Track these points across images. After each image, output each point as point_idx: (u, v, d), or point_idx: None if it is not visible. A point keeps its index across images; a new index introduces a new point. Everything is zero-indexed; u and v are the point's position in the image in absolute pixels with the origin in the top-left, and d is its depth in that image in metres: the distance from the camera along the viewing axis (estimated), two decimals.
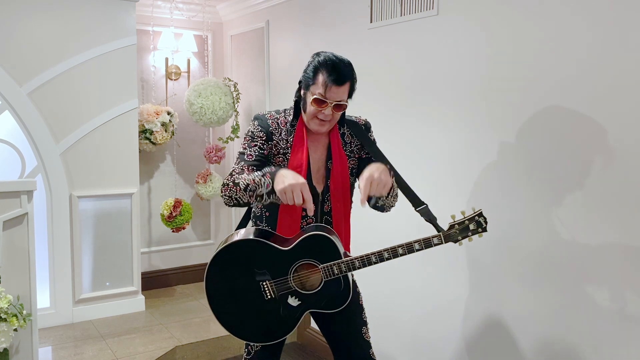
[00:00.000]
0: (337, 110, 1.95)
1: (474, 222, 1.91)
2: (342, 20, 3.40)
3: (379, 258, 1.90)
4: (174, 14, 4.59)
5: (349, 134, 2.09)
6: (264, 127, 2.03)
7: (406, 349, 3.02)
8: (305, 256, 1.95)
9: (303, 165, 1.98)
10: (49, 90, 3.83)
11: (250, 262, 1.95)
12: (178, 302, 4.52)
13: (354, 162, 2.10)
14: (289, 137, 2.03)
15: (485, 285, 2.57)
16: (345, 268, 1.92)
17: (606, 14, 2.04)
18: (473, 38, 2.57)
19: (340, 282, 1.97)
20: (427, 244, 1.89)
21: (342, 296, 1.98)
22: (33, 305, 2.81)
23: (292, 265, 1.95)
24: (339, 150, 2.04)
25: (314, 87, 1.93)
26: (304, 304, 1.97)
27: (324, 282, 1.94)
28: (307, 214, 1.90)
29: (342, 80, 1.90)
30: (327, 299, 1.97)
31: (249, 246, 1.97)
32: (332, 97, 1.91)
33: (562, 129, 2.21)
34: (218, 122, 4.38)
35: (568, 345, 2.24)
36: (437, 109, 2.78)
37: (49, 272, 3.91)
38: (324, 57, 1.94)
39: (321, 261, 1.94)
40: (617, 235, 2.05)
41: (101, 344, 3.64)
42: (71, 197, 3.95)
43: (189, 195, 4.92)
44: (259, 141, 2.02)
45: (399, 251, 1.89)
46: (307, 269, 1.96)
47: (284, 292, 1.95)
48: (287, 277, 1.95)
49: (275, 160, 2.02)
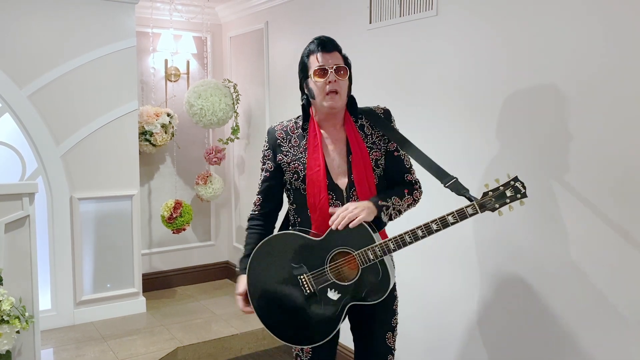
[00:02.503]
0: (340, 75, 1.95)
1: (510, 188, 1.79)
2: (341, 21, 3.41)
3: (413, 237, 1.84)
4: (174, 15, 4.59)
5: (368, 125, 2.06)
6: (271, 143, 2.08)
7: (404, 347, 3.02)
8: (338, 244, 1.92)
9: (321, 166, 1.98)
10: (49, 92, 3.84)
11: (286, 258, 1.98)
12: (179, 303, 4.53)
13: (378, 154, 2.05)
14: (301, 142, 2.04)
15: (486, 283, 2.58)
16: (380, 252, 1.88)
17: (605, 15, 2.05)
18: (472, 38, 2.58)
19: (378, 271, 1.92)
20: (462, 216, 1.80)
21: (381, 286, 1.93)
22: (35, 307, 2.82)
23: (328, 255, 1.93)
24: (357, 143, 2.02)
25: (311, 69, 1.97)
26: (343, 297, 1.94)
27: (361, 270, 1.91)
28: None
29: (329, 48, 1.96)
30: (366, 289, 1.93)
31: (280, 240, 2.02)
32: (329, 63, 1.94)
33: (561, 127, 2.22)
34: (218, 124, 4.39)
35: (569, 343, 2.25)
36: (436, 109, 2.79)
37: (50, 274, 3.91)
38: (308, 44, 2.01)
39: (356, 248, 1.91)
40: (616, 232, 2.06)
41: (102, 345, 3.64)
42: (72, 199, 3.95)
43: (189, 197, 4.92)
44: (266, 162, 2.11)
45: (433, 227, 1.83)
46: (342, 258, 1.93)
47: (322, 285, 1.94)
48: (324, 267, 1.93)
49: (291, 167, 2.03)
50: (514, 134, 2.42)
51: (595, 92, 2.10)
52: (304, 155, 2.02)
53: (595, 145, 2.11)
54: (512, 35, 2.40)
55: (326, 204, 1.98)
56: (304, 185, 2.01)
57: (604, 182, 2.09)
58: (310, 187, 2.00)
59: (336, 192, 2.00)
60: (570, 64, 2.17)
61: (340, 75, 1.95)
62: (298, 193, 2.05)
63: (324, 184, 1.98)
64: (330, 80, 1.93)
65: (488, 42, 2.51)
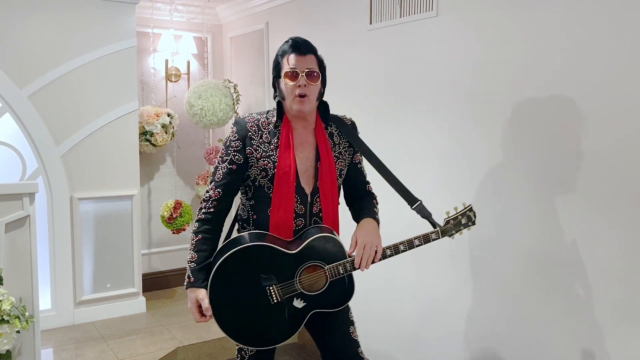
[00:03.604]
0: (311, 79, 1.93)
1: (465, 216, 2.04)
2: (341, 21, 3.42)
3: (382, 256, 1.96)
4: (174, 15, 4.60)
5: (337, 133, 2.08)
6: (240, 134, 2.00)
7: (403, 346, 3.03)
8: (312, 258, 1.95)
9: (292, 167, 1.97)
10: (50, 92, 3.84)
11: (256, 268, 1.93)
12: (179, 303, 4.52)
13: (342, 164, 2.09)
14: (272, 139, 2.00)
15: (481, 283, 2.58)
16: (350, 267, 1.95)
17: (600, 15, 2.06)
18: (472, 39, 2.58)
19: (344, 282, 1.99)
20: (426, 240, 2.00)
21: (345, 294, 2.02)
22: (35, 307, 2.82)
23: (299, 268, 1.95)
24: (326, 150, 2.03)
25: (282, 70, 1.96)
26: (308, 305, 1.97)
27: (329, 282, 1.95)
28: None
29: (303, 50, 1.94)
30: (331, 298, 1.98)
31: (254, 252, 1.95)
32: (301, 67, 1.93)
33: (557, 128, 2.22)
34: (218, 124, 4.39)
35: (565, 343, 2.25)
36: (436, 109, 2.79)
37: (50, 274, 3.91)
38: (283, 43, 2.00)
39: (327, 262, 1.95)
40: (613, 232, 2.06)
41: (102, 345, 3.64)
42: (72, 199, 3.96)
43: (189, 197, 4.92)
44: (231, 153, 2.00)
45: (400, 248, 1.98)
46: (312, 271, 1.96)
47: (289, 294, 1.95)
48: (294, 280, 1.95)
49: (259, 164, 1.98)
50: (515, 135, 2.42)
51: (596, 94, 2.10)
52: (274, 153, 1.98)
53: (589, 143, 2.12)
54: (512, 36, 2.40)
55: (292, 206, 1.98)
56: (271, 184, 1.98)
57: (597, 179, 2.10)
58: (278, 186, 1.97)
59: (302, 196, 2.00)
60: (570, 65, 2.18)
61: (312, 80, 1.94)
62: (261, 190, 2.01)
63: (293, 186, 1.98)
64: (300, 84, 1.92)
65: (488, 43, 2.51)
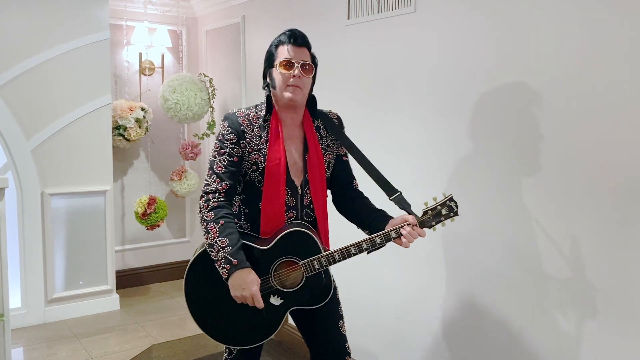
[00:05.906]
0: (305, 72, 1.95)
1: (445, 207, 1.95)
2: (319, 16, 3.40)
3: (358, 249, 1.92)
4: (148, 8, 4.52)
5: (324, 128, 2.10)
6: (234, 127, 1.98)
7: (384, 343, 3.04)
8: (285, 254, 1.95)
9: (281, 160, 1.98)
10: (20, 85, 3.74)
11: None
12: (153, 300, 4.47)
13: (330, 157, 2.11)
14: (262, 133, 2.00)
15: (462, 279, 2.61)
16: (326, 262, 1.93)
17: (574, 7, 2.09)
18: (450, 35, 2.60)
19: (321, 277, 1.99)
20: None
21: (324, 291, 2.00)
22: (5, 306, 2.74)
23: (273, 264, 1.95)
24: (314, 143, 2.05)
25: (277, 59, 1.97)
26: (286, 302, 1.97)
27: (305, 278, 1.95)
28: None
29: (300, 42, 1.96)
30: (309, 295, 1.98)
31: None
32: (297, 58, 1.94)
33: (537, 122, 2.25)
34: (193, 118, 4.34)
35: (547, 339, 2.28)
36: (414, 104, 2.80)
37: (20, 272, 3.83)
38: (279, 34, 2.01)
39: (301, 257, 1.94)
40: (594, 227, 2.10)
41: (75, 344, 3.58)
42: (43, 195, 3.87)
43: (164, 193, 4.86)
44: (228, 146, 1.97)
45: (377, 240, 1.92)
46: (288, 267, 1.95)
47: (265, 292, 1.94)
48: (269, 276, 1.94)
49: (251, 157, 1.98)
50: (494, 130, 2.44)
51: (574, 88, 2.13)
52: (265, 146, 1.99)
53: (571, 137, 2.14)
54: (490, 32, 2.42)
55: (283, 198, 1.99)
56: (261, 177, 1.99)
57: (580, 173, 2.13)
58: (268, 179, 1.98)
59: (292, 189, 2.02)
60: (552, 60, 2.20)
61: (306, 72, 1.96)
62: (251, 184, 2.02)
63: (283, 178, 1.99)
64: (294, 75, 1.94)
65: (466, 39, 2.53)
